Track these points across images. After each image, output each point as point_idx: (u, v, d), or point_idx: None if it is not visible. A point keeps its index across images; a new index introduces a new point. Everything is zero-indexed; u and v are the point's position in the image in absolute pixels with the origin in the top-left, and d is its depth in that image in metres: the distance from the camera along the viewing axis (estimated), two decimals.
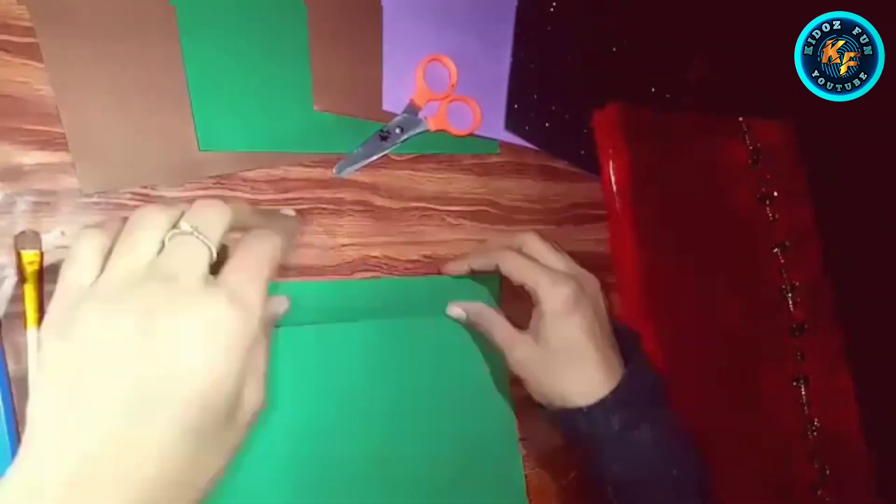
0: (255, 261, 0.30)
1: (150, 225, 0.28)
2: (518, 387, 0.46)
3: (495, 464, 0.47)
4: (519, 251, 0.45)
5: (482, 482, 0.46)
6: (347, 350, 0.43)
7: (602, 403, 0.41)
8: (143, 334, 0.26)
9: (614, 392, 0.41)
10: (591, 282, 0.45)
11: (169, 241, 0.28)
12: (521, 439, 0.49)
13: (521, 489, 0.48)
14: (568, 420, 0.42)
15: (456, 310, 0.47)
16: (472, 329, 0.47)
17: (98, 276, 0.28)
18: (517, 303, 0.45)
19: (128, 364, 0.26)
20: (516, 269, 0.44)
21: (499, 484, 0.47)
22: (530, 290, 0.43)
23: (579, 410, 0.42)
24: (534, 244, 0.46)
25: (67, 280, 0.28)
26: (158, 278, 0.27)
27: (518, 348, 0.44)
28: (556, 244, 0.47)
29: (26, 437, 0.26)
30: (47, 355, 0.27)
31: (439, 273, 0.48)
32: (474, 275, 0.47)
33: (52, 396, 0.26)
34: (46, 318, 0.28)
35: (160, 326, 0.26)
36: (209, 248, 0.28)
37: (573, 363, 0.42)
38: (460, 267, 0.47)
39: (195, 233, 0.28)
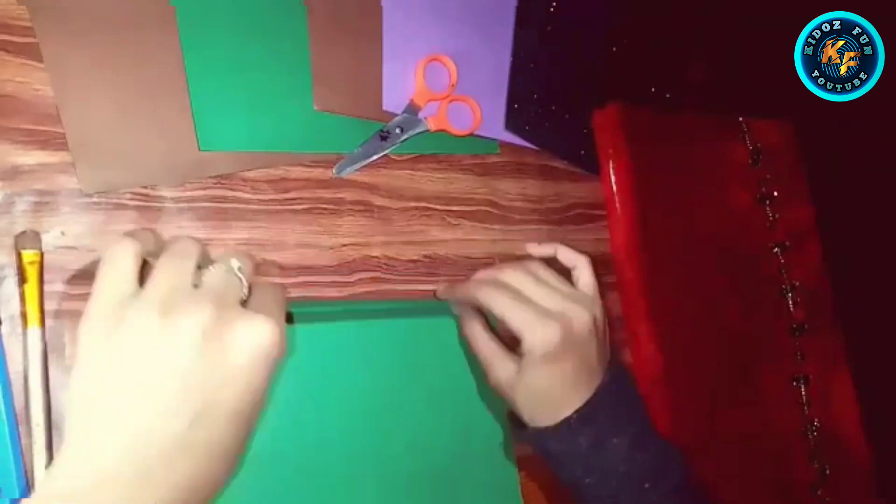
0: (275, 298, 0.33)
1: (190, 252, 0.32)
2: None
3: (490, 464, 0.47)
4: (506, 284, 0.43)
5: (476, 482, 0.46)
6: (342, 348, 0.43)
7: (567, 422, 0.40)
8: (202, 339, 0.28)
9: (580, 410, 0.40)
10: (583, 320, 0.41)
11: (217, 271, 0.32)
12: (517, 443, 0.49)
13: (516, 490, 0.47)
14: (539, 441, 0.42)
15: (445, 294, 0.46)
16: (462, 338, 0.46)
17: (139, 287, 0.30)
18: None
19: (185, 365, 0.28)
20: (498, 307, 0.41)
21: (493, 484, 0.47)
22: (514, 330, 0.41)
23: (547, 429, 0.41)
24: (517, 278, 0.43)
25: (107, 284, 0.30)
26: (210, 294, 0.30)
27: (499, 370, 0.42)
28: (543, 267, 0.44)
29: (70, 441, 0.27)
30: (91, 356, 0.28)
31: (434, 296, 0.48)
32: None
33: (101, 392, 0.28)
34: (86, 321, 0.29)
35: (218, 334, 0.29)
36: (245, 283, 0.32)
37: (548, 408, 0.41)
38: (449, 294, 0.46)
39: (239, 272, 0.32)
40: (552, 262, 0.46)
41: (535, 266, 0.44)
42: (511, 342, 0.43)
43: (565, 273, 0.46)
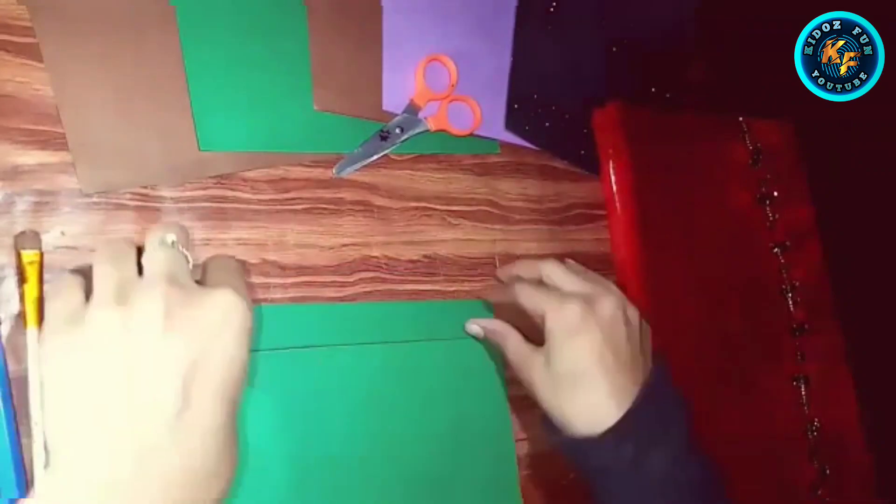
0: (231, 268, 0.33)
1: (124, 249, 0.31)
2: (516, 386, 0.46)
3: (489, 464, 0.47)
4: (538, 280, 0.45)
5: (476, 482, 0.46)
6: (340, 374, 0.43)
7: (610, 433, 0.39)
8: (165, 318, 0.27)
9: (622, 420, 0.39)
10: (608, 302, 0.42)
11: (153, 253, 0.30)
12: (519, 440, 0.49)
13: (516, 490, 0.47)
14: (575, 450, 0.40)
15: (474, 327, 0.47)
16: (489, 345, 0.47)
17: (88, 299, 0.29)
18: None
19: (156, 349, 0.27)
20: (526, 298, 0.43)
21: (493, 485, 0.47)
22: (538, 318, 0.42)
23: (586, 440, 0.39)
24: (548, 268, 0.45)
25: (53, 309, 0.29)
26: (158, 275, 0.29)
27: (529, 367, 0.42)
28: (578, 265, 0.47)
29: (58, 460, 0.27)
30: (58, 370, 0.27)
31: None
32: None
33: (75, 406, 0.27)
34: (43, 341, 0.28)
35: (181, 319, 0.28)
36: (187, 257, 0.31)
37: (578, 388, 0.40)
38: (487, 296, 0.48)
39: (174, 244, 0.31)
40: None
41: (559, 261, 0.46)
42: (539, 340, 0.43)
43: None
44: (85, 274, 0.31)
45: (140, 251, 0.32)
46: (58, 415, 0.27)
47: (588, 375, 0.40)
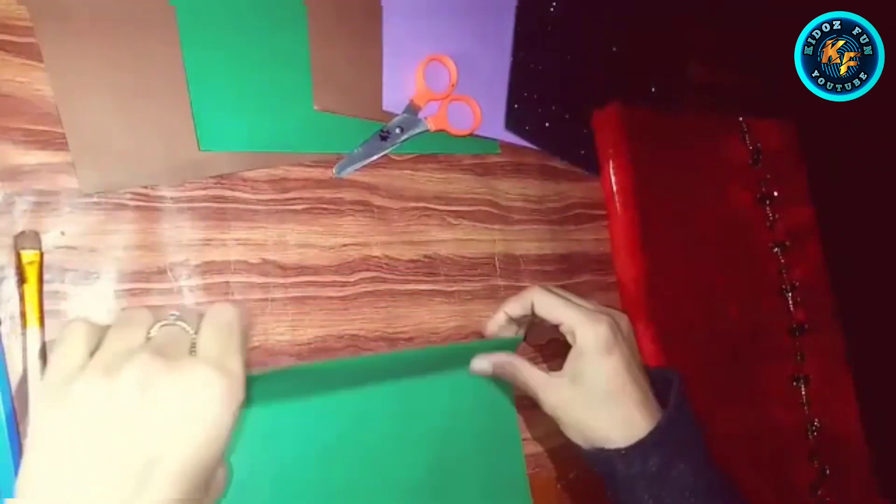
0: (223, 331, 0.31)
1: (140, 319, 0.31)
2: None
3: (499, 464, 0.47)
4: (552, 291, 0.45)
5: (485, 482, 0.46)
6: (340, 418, 0.42)
7: (641, 444, 0.40)
8: (141, 400, 0.27)
9: (653, 433, 0.40)
10: (624, 320, 0.45)
11: (160, 328, 0.31)
12: (523, 439, 0.49)
13: (525, 490, 0.48)
14: (605, 461, 0.41)
15: (481, 363, 0.46)
16: (499, 380, 0.46)
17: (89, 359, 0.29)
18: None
19: (126, 429, 0.27)
20: (552, 307, 0.44)
21: (503, 484, 0.47)
22: (566, 330, 0.43)
23: (618, 451, 0.40)
24: (558, 290, 0.46)
25: (57, 360, 0.29)
26: (149, 347, 0.29)
27: (553, 391, 0.42)
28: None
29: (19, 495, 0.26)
30: (40, 425, 0.27)
31: (481, 336, 0.48)
32: (513, 322, 0.47)
33: (49, 465, 0.27)
34: (37, 399, 0.29)
35: (156, 392, 0.28)
36: (190, 333, 0.31)
37: (614, 403, 0.41)
38: (499, 318, 0.47)
39: (178, 322, 0.31)
40: None
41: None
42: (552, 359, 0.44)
43: None
44: (95, 327, 0.31)
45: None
46: (29, 461, 0.27)
47: (623, 388, 0.41)
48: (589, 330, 0.42)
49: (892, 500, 0.61)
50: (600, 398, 0.41)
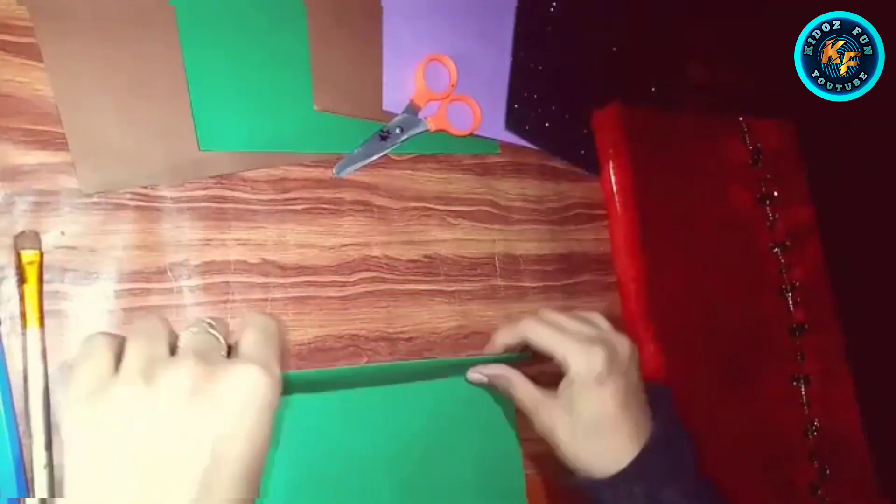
0: (265, 336, 0.32)
1: (159, 328, 0.31)
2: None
3: (496, 467, 0.47)
4: (546, 320, 0.44)
5: (482, 483, 0.46)
6: (351, 414, 0.43)
7: (624, 473, 0.40)
8: (191, 403, 0.27)
9: (637, 460, 0.40)
10: (623, 345, 0.43)
11: (189, 333, 0.31)
12: (523, 440, 0.49)
13: (521, 492, 0.48)
14: (592, 489, 0.41)
15: (476, 375, 0.45)
16: (495, 392, 0.46)
17: (116, 368, 0.29)
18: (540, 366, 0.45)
19: (182, 432, 0.27)
20: (543, 339, 0.43)
21: (499, 486, 0.47)
22: (559, 360, 0.42)
23: (603, 481, 0.40)
24: (554, 315, 0.45)
25: (83, 372, 0.29)
26: (188, 351, 0.29)
27: (546, 413, 0.42)
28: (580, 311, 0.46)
29: None
30: (79, 442, 0.27)
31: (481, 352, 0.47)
32: (508, 352, 0.46)
33: (99, 474, 0.26)
34: (68, 408, 0.28)
35: (207, 395, 0.28)
36: (221, 342, 0.31)
37: (603, 434, 0.41)
38: (494, 348, 0.46)
39: (210, 330, 0.31)
40: None
41: (564, 313, 0.46)
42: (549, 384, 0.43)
43: None
44: (117, 338, 0.31)
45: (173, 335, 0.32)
46: (75, 485, 0.27)
47: (613, 421, 0.41)
48: (581, 361, 0.41)
49: (892, 500, 0.61)
50: (590, 429, 0.41)
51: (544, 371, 0.44)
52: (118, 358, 0.29)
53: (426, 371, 0.46)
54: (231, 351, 0.31)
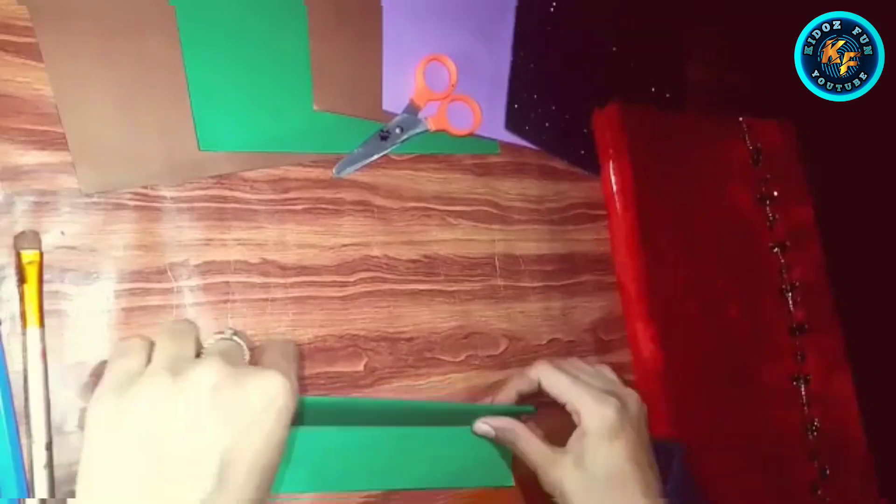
0: (283, 353, 0.35)
1: (188, 329, 0.34)
2: None
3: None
4: (561, 367, 0.44)
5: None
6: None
7: None
8: (213, 400, 0.29)
9: None
10: (633, 399, 0.43)
11: (215, 340, 0.34)
12: None
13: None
14: None
15: (483, 426, 0.44)
16: (502, 445, 0.45)
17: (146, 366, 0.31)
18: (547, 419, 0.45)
19: (202, 427, 0.28)
20: (557, 386, 0.43)
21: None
22: (571, 409, 0.42)
23: None
24: (567, 363, 0.45)
25: (115, 367, 0.31)
26: (215, 354, 0.31)
27: (556, 469, 0.41)
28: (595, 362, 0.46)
29: None
30: (101, 432, 0.28)
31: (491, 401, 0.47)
32: (523, 401, 0.45)
33: (116, 463, 0.27)
34: (96, 399, 0.29)
35: (230, 393, 0.29)
36: (244, 349, 0.34)
37: (615, 492, 0.40)
38: (509, 393, 0.45)
39: (234, 337, 0.34)
40: None
41: (574, 359, 0.47)
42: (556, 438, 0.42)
43: None
44: (149, 341, 0.33)
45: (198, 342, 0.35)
46: (90, 474, 0.27)
47: (626, 478, 0.40)
48: (595, 413, 0.40)
49: (892, 500, 0.61)
50: (601, 486, 0.40)
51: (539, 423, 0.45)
52: (149, 359, 0.31)
53: (435, 414, 0.45)
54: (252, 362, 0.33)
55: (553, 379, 0.43)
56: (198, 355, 0.33)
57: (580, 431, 0.41)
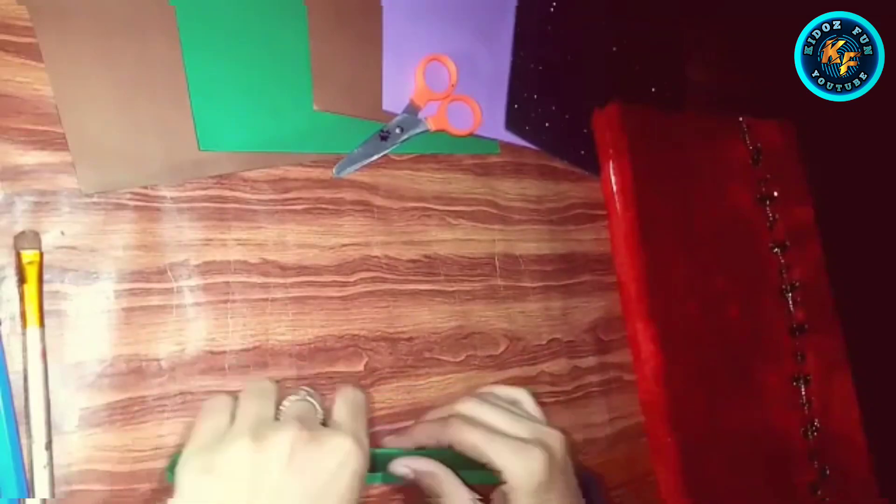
0: (356, 410, 0.36)
1: (269, 389, 0.36)
2: None
3: None
4: (471, 418, 0.39)
5: None
6: None
7: None
8: (289, 466, 0.31)
9: None
10: (556, 440, 0.39)
11: (291, 402, 0.36)
12: None
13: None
14: None
15: (401, 468, 0.39)
16: (421, 487, 0.39)
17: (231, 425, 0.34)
18: None
19: (278, 483, 0.31)
20: (474, 447, 0.38)
21: None
22: (493, 468, 0.37)
23: None
24: (477, 407, 0.40)
25: (204, 426, 0.34)
26: (292, 417, 0.34)
27: None
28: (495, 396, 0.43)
29: None
30: (190, 489, 0.31)
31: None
32: (423, 450, 0.40)
33: None
34: (185, 458, 0.32)
35: (304, 459, 0.31)
36: (318, 409, 0.36)
37: None
38: (403, 442, 0.41)
39: (307, 398, 0.36)
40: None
41: (485, 394, 0.43)
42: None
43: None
44: (233, 399, 0.36)
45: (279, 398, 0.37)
46: None
47: None
48: (519, 469, 0.37)
49: (892, 500, 0.61)
50: None
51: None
52: (233, 416, 0.34)
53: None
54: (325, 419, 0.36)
55: (467, 439, 0.38)
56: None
57: (503, 491, 0.37)
